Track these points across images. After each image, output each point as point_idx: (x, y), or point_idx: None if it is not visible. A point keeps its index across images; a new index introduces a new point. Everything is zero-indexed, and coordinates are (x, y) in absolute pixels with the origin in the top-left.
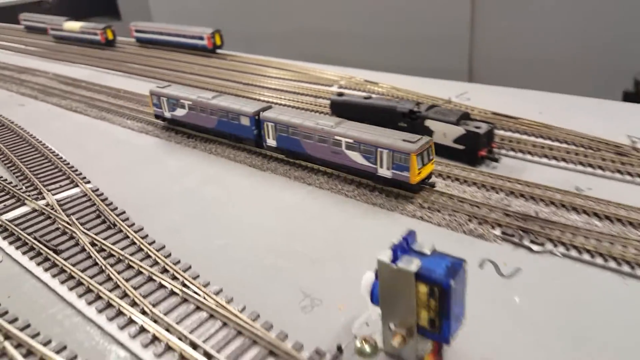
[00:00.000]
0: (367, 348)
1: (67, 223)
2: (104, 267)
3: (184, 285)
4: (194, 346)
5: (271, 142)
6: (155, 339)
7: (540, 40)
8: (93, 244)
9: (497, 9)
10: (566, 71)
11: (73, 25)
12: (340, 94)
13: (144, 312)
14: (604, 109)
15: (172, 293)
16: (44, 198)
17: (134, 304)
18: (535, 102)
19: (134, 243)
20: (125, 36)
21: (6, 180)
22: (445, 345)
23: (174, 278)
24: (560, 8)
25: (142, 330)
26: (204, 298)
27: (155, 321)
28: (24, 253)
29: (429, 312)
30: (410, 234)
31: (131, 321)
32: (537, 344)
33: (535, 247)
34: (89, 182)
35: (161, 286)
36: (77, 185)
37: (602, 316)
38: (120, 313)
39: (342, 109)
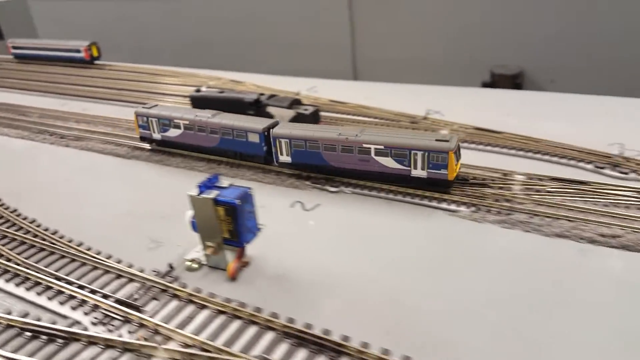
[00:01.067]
0: (194, 265)
1: None
2: None
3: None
4: (58, 278)
5: (285, 158)
6: (27, 279)
7: (413, 41)
8: None
9: (373, 15)
10: (436, 66)
11: None
12: (198, 90)
13: (17, 264)
14: (416, 92)
15: (41, 249)
16: None
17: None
18: (371, 90)
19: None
20: (4, 54)
21: None
22: (248, 254)
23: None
24: (428, 13)
25: (17, 275)
26: (67, 248)
27: (27, 268)
28: None
29: (228, 226)
30: (214, 176)
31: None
32: (324, 249)
33: (332, 189)
34: None
35: (32, 246)
36: None
37: (373, 229)
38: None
39: (201, 102)
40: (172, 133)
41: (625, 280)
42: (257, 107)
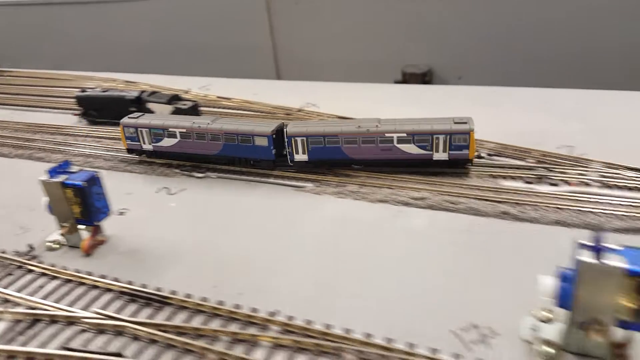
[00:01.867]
0: (55, 245)
1: None
2: None
3: None
4: None
5: (301, 157)
6: None
7: (332, 42)
8: None
9: (292, 18)
10: (354, 66)
11: None
12: (84, 91)
13: None
14: (300, 88)
15: None
16: None
17: None
18: (261, 87)
19: None
20: None
21: None
22: (105, 234)
23: None
24: (346, 16)
25: None
26: None
27: None
28: None
29: (78, 207)
30: (64, 163)
31: None
32: (180, 226)
33: (198, 175)
34: None
35: None
36: None
37: (229, 207)
38: None
39: (86, 101)
40: (167, 142)
41: (423, 232)
42: (138, 103)
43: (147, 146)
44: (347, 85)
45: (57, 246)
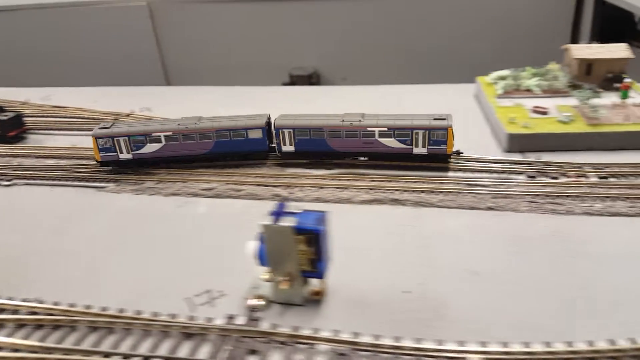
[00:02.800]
0: None
1: None
2: None
3: None
4: None
5: (288, 148)
6: None
7: (219, 48)
8: None
9: (177, 26)
10: (241, 70)
11: None
12: None
13: None
14: (139, 93)
15: None
16: None
17: None
18: (102, 95)
19: None
20: None
21: None
22: None
23: None
24: (231, 22)
25: None
26: None
27: None
28: None
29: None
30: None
31: None
32: None
33: (5, 183)
34: None
35: None
36: None
37: (34, 210)
38: None
39: None
40: (149, 149)
41: (201, 218)
42: None
43: (126, 155)
44: (230, 89)
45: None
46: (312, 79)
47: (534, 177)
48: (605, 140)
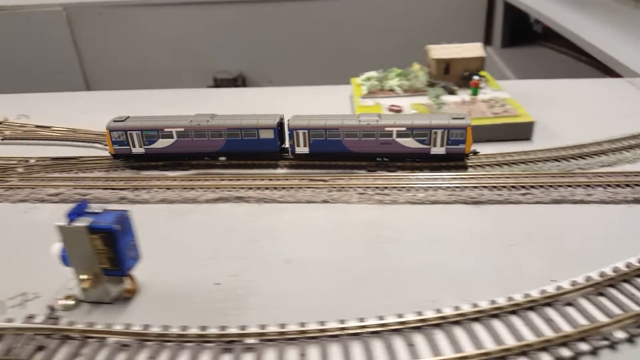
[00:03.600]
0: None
1: None
2: None
3: None
4: None
5: (302, 149)
6: None
7: (141, 52)
8: None
9: (96, 31)
10: (166, 76)
11: None
12: None
13: None
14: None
15: None
16: None
17: None
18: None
19: None
20: None
21: None
22: None
23: None
24: (152, 27)
25: None
26: None
27: None
28: None
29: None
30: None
31: None
32: None
33: None
34: None
35: None
36: None
37: None
38: None
39: None
40: (161, 144)
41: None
42: None
43: (138, 149)
44: (148, 92)
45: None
46: (237, 83)
47: (374, 170)
48: None
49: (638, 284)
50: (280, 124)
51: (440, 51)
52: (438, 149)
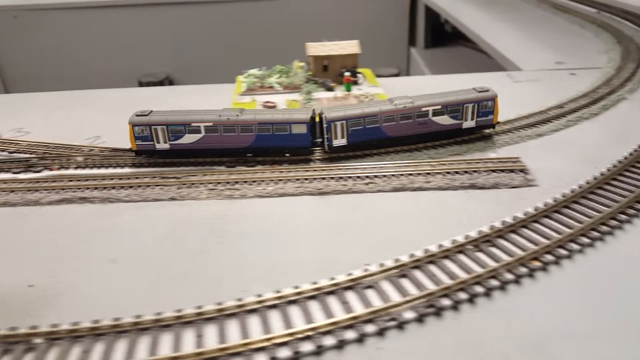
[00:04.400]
0: None
1: None
2: None
3: None
4: None
5: (339, 141)
6: None
7: (63, 55)
8: None
9: (16, 35)
10: (88, 78)
11: None
12: None
13: None
14: None
15: None
16: None
17: None
18: None
19: None
20: None
21: None
22: None
23: None
24: (73, 32)
25: None
26: None
27: None
28: None
29: None
30: None
31: None
32: None
33: None
34: None
35: None
36: None
37: None
38: None
39: None
40: (188, 139)
41: None
42: None
43: (163, 145)
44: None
45: None
46: (163, 85)
47: (233, 167)
48: None
49: (443, 265)
50: (313, 118)
51: (318, 49)
52: (469, 123)
